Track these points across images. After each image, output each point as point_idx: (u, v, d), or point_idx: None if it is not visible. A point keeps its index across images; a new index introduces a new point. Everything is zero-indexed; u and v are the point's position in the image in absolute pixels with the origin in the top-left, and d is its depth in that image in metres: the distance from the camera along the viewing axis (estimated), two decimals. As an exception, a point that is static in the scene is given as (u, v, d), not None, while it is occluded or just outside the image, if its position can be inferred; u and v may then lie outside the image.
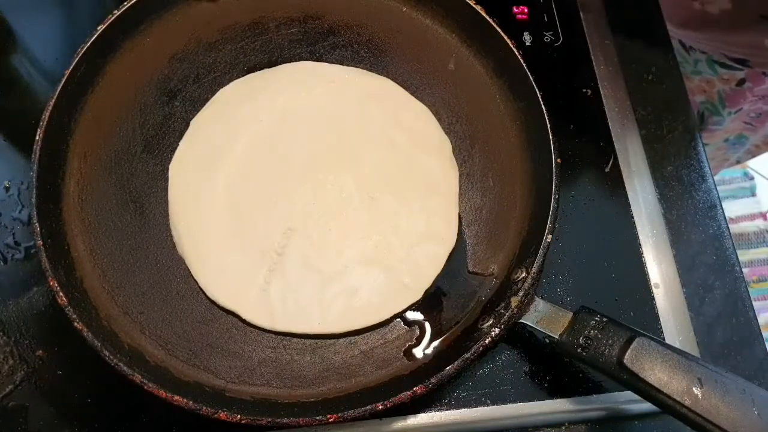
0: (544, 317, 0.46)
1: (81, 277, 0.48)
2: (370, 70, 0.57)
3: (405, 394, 0.42)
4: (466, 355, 0.43)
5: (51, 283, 0.44)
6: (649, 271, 0.54)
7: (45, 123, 0.48)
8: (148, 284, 0.49)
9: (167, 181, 0.52)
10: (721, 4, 0.67)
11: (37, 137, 0.47)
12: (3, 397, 0.47)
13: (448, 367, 0.43)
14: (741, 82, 0.75)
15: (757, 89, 0.75)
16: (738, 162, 0.99)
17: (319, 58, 0.57)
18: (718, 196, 0.58)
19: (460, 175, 0.54)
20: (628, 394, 0.45)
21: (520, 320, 0.46)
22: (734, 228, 1.51)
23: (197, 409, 0.41)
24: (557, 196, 0.48)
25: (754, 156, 0.94)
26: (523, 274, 0.47)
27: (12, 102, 0.59)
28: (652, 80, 0.62)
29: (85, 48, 0.51)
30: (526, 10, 0.63)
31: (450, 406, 0.48)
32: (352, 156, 0.54)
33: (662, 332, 0.51)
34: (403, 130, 0.55)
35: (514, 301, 0.46)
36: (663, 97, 0.62)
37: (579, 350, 0.43)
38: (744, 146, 0.90)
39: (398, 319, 0.49)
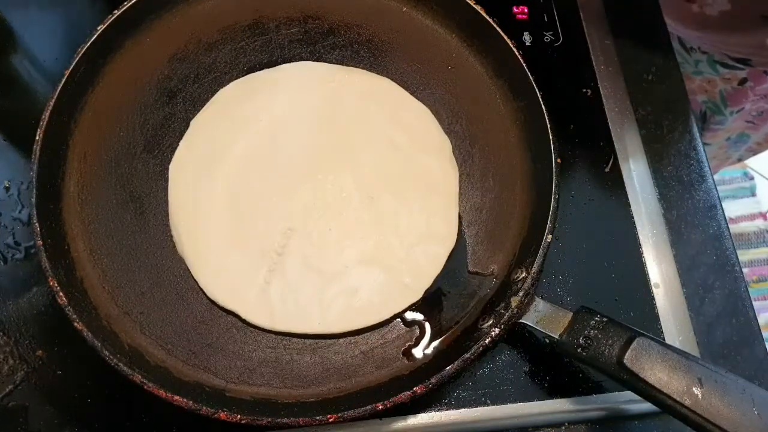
0: (544, 317, 0.46)
1: (81, 277, 0.48)
2: (370, 70, 0.57)
3: (405, 394, 0.42)
4: (466, 355, 0.43)
5: (51, 283, 0.44)
6: (649, 271, 0.54)
7: (45, 123, 0.48)
8: (148, 284, 0.49)
9: (167, 181, 0.52)
10: (720, 6, 0.67)
11: (37, 137, 0.47)
12: (3, 397, 0.47)
13: (448, 367, 0.43)
14: (743, 82, 0.75)
15: (758, 88, 0.75)
16: (740, 160, 0.99)
17: (319, 58, 0.57)
18: (718, 196, 0.58)
19: (460, 175, 0.54)
20: (628, 394, 0.45)
21: (520, 320, 0.46)
22: (734, 228, 1.50)
23: (197, 409, 0.41)
24: (557, 196, 0.48)
25: (755, 153, 0.94)
26: (523, 274, 0.47)
27: (12, 102, 0.59)
28: (652, 80, 0.62)
29: (85, 48, 0.51)
30: (526, 10, 0.63)
31: (450, 406, 0.48)
32: (352, 156, 0.54)
33: (662, 332, 0.51)
34: (403, 130, 0.55)
35: (514, 301, 0.46)
36: (663, 97, 0.62)
37: (579, 350, 0.43)
38: (745, 144, 0.90)
39: (398, 319, 0.49)
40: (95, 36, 0.52)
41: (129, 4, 0.53)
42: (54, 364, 0.49)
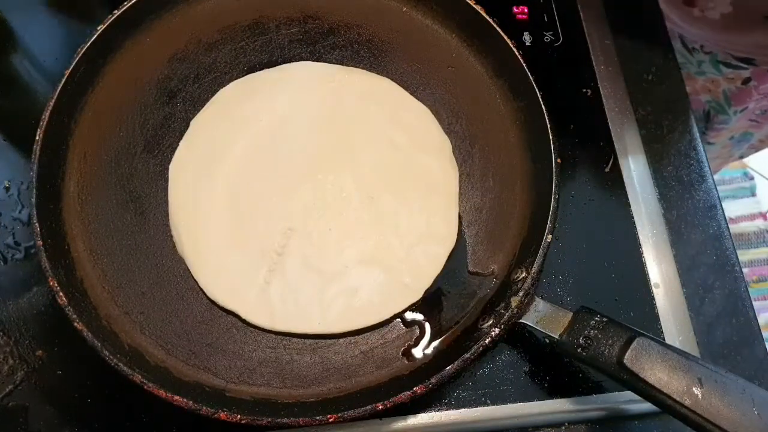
0: (544, 317, 0.46)
1: (81, 277, 0.48)
2: (370, 70, 0.57)
3: (405, 394, 0.42)
4: (466, 355, 0.43)
5: (51, 283, 0.44)
6: (649, 271, 0.54)
7: (45, 123, 0.48)
8: (148, 284, 0.49)
9: (167, 181, 0.52)
10: (721, 9, 0.67)
11: (37, 137, 0.47)
12: (3, 397, 0.47)
13: (448, 367, 0.43)
14: (746, 81, 0.75)
15: (762, 87, 0.75)
16: (741, 157, 0.99)
17: (319, 58, 0.57)
18: (718, 196, 0.58)
19: (460, 175, 0.54)
20: (628, 394, 0.45)
21: (520, 320, 0.46)
22: (734, 228, 1.50)
23: (197, 409, 0.41)
24: (557, 196, 0.48)
25: (757, 150, 0.94)
26: (523, 274, 0.47)
27: (12, 102, 0.59)
28: (652, 80, 0.62)
29: (85, 48, 0.51)
30: (526, 10, 0.63)
31: (450, 406, 0.48)
32: (352, 156, 0.54)
33: (662, 332, 0.51)
34: (403, 130, 0.55)
35: (514, 301, 0.46)
36: (663, 97, 0.62)
37: (579, 350, 0.43)
38: (748, 142, 0.90)
39: (398, 319, 0.49)
40: (95, 36, 0.52)
41: (129, 4, 0.53)
42: (54, 364, 0.49)
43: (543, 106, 0.50)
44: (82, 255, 0.49)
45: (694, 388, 0.40)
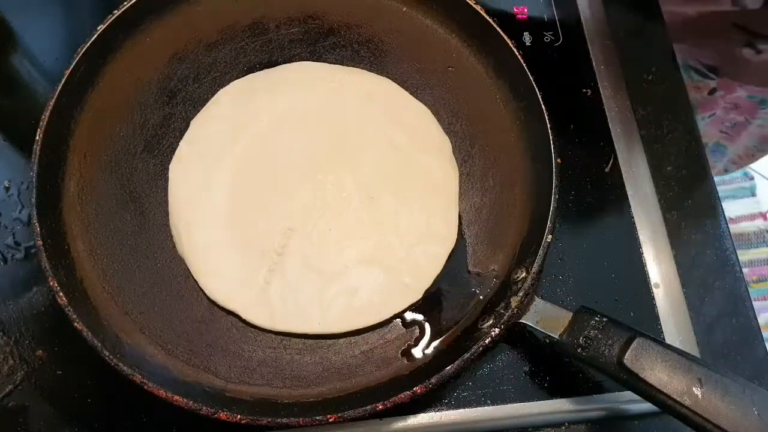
0: (544, 317, 0.46)
1: (81, 277, 0.48)
2: (370, 70, 0.57)
3: (405, 394, 0.42)
4: (466, 355, 0.43)
5: (51, 283, 0.44)
6: (649, 271, 0.54)
7: (45, 123, 0.48)
8: (148, 284, 0.49)
9: (167, 181, 0.52)
10: (697, 6, 0.67)
11: (37, 137, 0.48)
12: (3, 397, 0.47)
13: (448, 367, 0.43)
14: (712, 91, 0.76)
15: (729, 97, 0.76)
16: (726, 171, 0.99)
17: (319, 58, 0.57)
18: (718, 196, 0.58)
19: (460, 175, 0.54)
20: (628, 394, 0.45)
21: (520, 320, 0.46)
22: (734, 228, 1.50)
23: (197, 409, 0.41)
24: (557, 196, 0.48)
25: (739, 167, 0.95)
26: (523, 274, 0.47)
27: (12, 102, 0.59)
28: (652, 80, 0.62)
29: (85, 48, 0.51)
30: (526, 10, 0.63)
31: (450, 406, 0.48)
32: (352, 156, 0.54)
33: (662, 332, 0.51)
34: (403, 130, 0.55)
35: (514, 301, 0.46)
36: (663, 97, 0.62)
37: (579, 350, 0.43)
38: (725, 156, 0.91)
39: (398, 319, 0.49)
40: (95, 36, 0.52)
41: (129, 4, 0.53)
42: (54, 364, 0.49)
43: (543, 106, 0.50)
44: (82, 255, 0.49)
45: (694, 388, 0.40)
